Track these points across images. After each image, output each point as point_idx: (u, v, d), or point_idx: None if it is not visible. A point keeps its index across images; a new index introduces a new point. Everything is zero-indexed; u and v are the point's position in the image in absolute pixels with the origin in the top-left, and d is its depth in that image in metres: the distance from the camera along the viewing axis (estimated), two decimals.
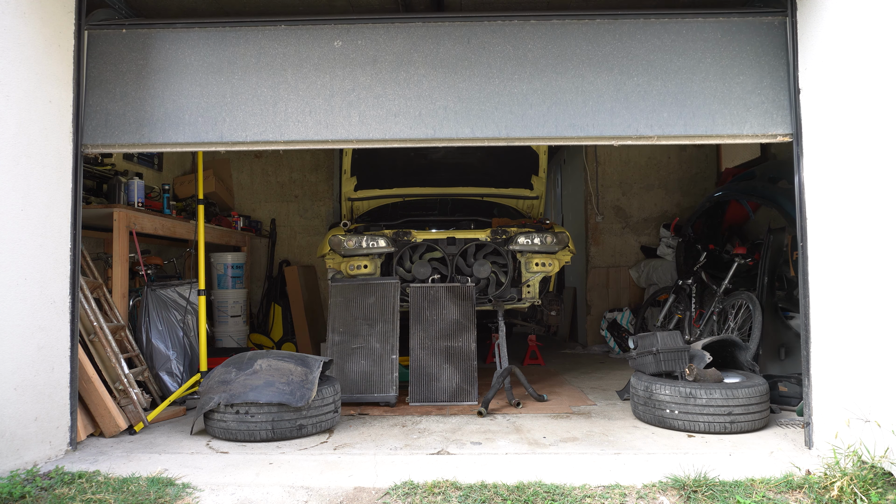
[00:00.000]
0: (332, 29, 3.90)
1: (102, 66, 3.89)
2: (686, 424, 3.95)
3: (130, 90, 3.88)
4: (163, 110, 3.86)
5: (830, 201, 3.44)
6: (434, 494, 2.96)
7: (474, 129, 3.83)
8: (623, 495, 2.96)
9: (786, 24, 3.78)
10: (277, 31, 3.90)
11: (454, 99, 3.85)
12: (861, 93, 3.18)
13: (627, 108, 3.82)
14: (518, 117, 3.83)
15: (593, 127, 3.82)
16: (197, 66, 3.88)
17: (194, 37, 3.90)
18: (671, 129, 3.81)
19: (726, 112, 3.80)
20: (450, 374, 4.90)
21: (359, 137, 3.84)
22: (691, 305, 6.27)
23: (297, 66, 3.88)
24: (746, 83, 3.81)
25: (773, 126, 3.77)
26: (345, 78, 3.87)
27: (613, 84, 3.84)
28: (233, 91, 3.86)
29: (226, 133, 3.83)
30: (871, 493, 2.76)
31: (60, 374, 3.60)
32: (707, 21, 3.85)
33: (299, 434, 3.91)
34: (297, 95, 3.86)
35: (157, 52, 3.90)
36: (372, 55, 3.88)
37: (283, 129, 3.83)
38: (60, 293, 3.62)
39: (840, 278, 3.36)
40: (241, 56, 3.89)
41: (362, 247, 5.31)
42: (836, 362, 3.40)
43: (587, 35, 3.88)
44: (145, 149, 3.92)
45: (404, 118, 3.84)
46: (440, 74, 3.86)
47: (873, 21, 3.08)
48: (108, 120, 3.85)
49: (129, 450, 3.71)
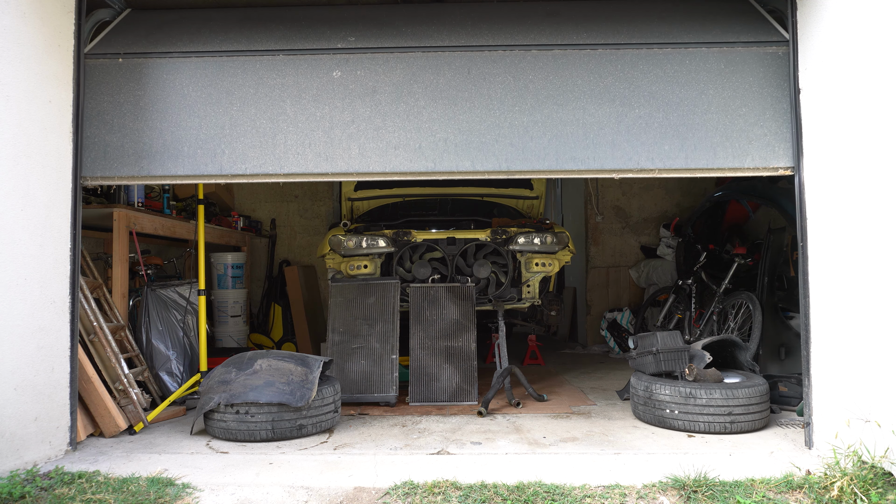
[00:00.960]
0: (331, 59, 3.87)
1: (100, 96, 3.85)
2: (686, 424, 3.95)
3: (128, 121, 3.84)
4: (161, 142, 3.82)
5: (830, 201, 3.44)
6: (434, 494, 2.96)
7: (474, 163, 3.80)
8: (623, 495, 2.96)
9: (789, 54, 3.74)
10: (276, 61, 3.87)
11: (454, 131, 3.82)
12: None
13: (629, 141, 3.78)
14: (519, 150, 3.80)
15: (594, 160, 3.78)
16: (195, 96, 3.85)
17: (192, 66, 3.87)
18: (673, 163, 3.77)
19: (728, 145, 3.75)
20: (450, 374, 4.90)
21: (359, 170, 3.81)
22: (691, 305, 6.27)
23: (296, 97, 3.85)
24: (749, 115, 3.77)
25: (775, 159, 3.73)
26: (344, 109, 3.84)
27: (615, 116, 3.80)
28: (231, 123, 3.83)
29: (225, 165, 3.81)
30: (871, 493, 2.76)
31: (60, 374, 3.60)
32: (710, 51, 3.81)
33: (299, 434, 3.91)
34: (296, 128, 3.83)
35: (155, 83, 3.87)
36: (371, 86, 3.85)
37: (282, 162, 3.81)
38: (60, 293, 3.63)
39: (840, 278, 3.36)
40: (239, 86, 3.86)
41: (362, 247, 5.31)
42: (836, 362, 3.40)
43: (589, 66, 3.84)
44: (145, 181, 3.87)
45: (404, 151, 3.81)
46: (440, 106, 3.83)
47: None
48: (107, 152, 3.82)
49: (129, 450, 3.71)
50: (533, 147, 3.80)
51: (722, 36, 3.85)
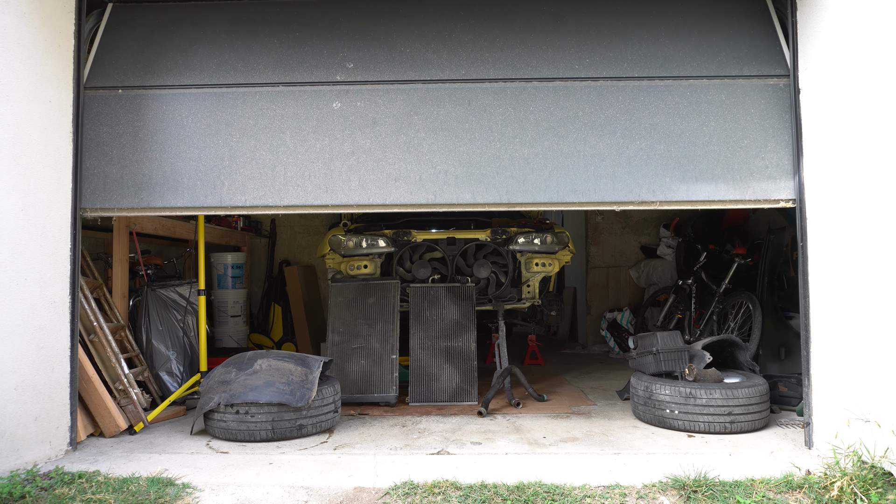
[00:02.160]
0: (331, 90, 3.85)
1: (99, 127, 3.83)
2: (686, 424, 3.96)
3: (128, 152, 3.83)
4: (161, 173, 3.81)
5: (830, 201, 3.44)
6: (434, 494, 2.96)
7: (475, 195, 3.78)
8: (623, 495, 2.96)
9: (790, 86, 3.72)
10: (275, 92, 3.85)
11: (455, 163, 3.79)
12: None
13: (630, 173, 3.76)
14: (519, 182, 3.78)
15: (595, 192, 3.76)
16: (194, 128, 3.84)
17: (191, 98, 3.86)
18: (673, 195, 3.75)
19: (729, 177, 3.73)
20: (450, 374, 4.90)
21: (359, 202, 3.79)
22: (691, 305, 6.28)
23: (296, 128, 3.83)
24: (750, 147, 3.74)
25: (776, 191, 3.71)
26: (344, 141, 3.82)
27: (616, 148, 3.78)
28: (231, 154, 3.82)
29: (225, 197, 3.79)
30: (871, 493, 2.76)
31: (60, 374, 3.60)
32: (712, 83, 3.79)
33: (299, 434, 3.91)
34: (295, 159, 3.81)
35: (154, 114, 3.85)
36: (371, 117, 3.82)
37: (282, 194, 3.79)
38: (60, 293, 3.63)
39: (840, 278, 3.36)
40: (238, 118, 3.84)
41: (362, 247, 5.31)
42: (836, 362, 3.40)
43: (590, 97, 3.82)
44: (144, 212, 3.86)
45: (404, 183, 3.79)
46: (441, 137, 3.81)
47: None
48: (106, 183, 3.80)
49: (129, 450, 3.71)
50: (534, 179, 3.78)
51: (723, 68, 3.81)
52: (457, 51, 3.91)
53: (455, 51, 3.91)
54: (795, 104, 3.68)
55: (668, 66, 3.85)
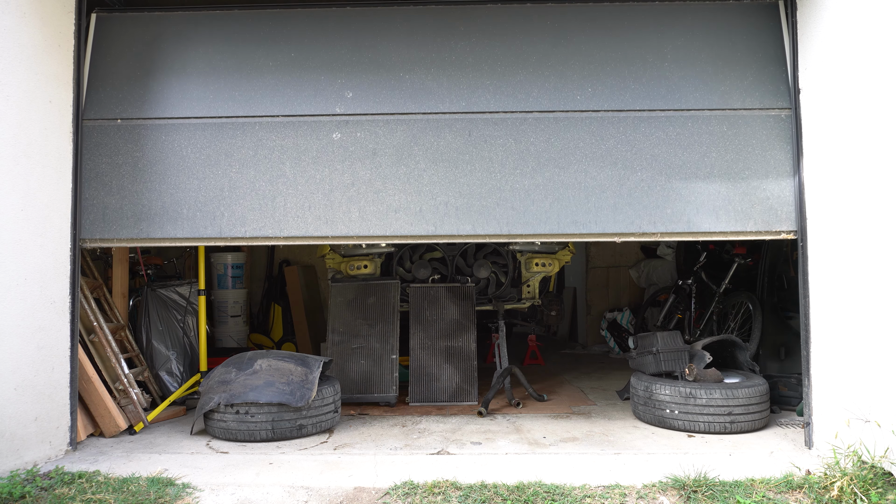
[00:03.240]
0: (331, 120, 3.83)
1: (98, 158, 3.82)
2: (686, 424, 3.96)
3: (127, 183, 3.82)
4: (160, 204, 3.80)
5: (830, 202, 3.44)
6: (434, 494, 2.96)
7: (475, 226, 3.77)
8: (623, 495, 2.96)
9: (792, 117, 3.71)
10: (274, 123, 3.83)
11: (455, 194, 3.78)
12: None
13: (630, 205, 3.74)
14: (520, 213, 3.76)
15: (596, 224, 3.74)
16: (194, 158, 3.82)
17: (190, 128, 3.84)
18: (674, 226, 3.73)
19: (730, 209, 3.72)
20: (450, 374, 4.90)
21: (359, 234, 3.78)
22: (691, 305, 6.27)
23: (296, 159, 3.81)
24: (752, 178, 3.72)
25: (777, 222, 3.70)
26: (344, 172, 3.80)
27: (617, 179, 3.76)
28: (231, 185, 3.80)
29: (224, 228, 3.78)
30: (871, 493, 2.76)
31: (60, 374, 3.60)
32: (713, 114, 3.77)
33: (299, 434, 3.91)
34: (295, 190, 3.79)
35: (153, 144, 3.84)
36: (371, 148, 3.81)
37: (282, 225, 3.78)
38: (60, 293, 3.63)
39: (840, 278, 3.36)
40: (238, 148, 3.82)
41: (362, 247, 5.31)
42: (836, 362, 3.40)
43: (590, 128, 3.79)
44: (144, 244, 3.85)
45: (405, 214, 3.78)
46: (441, 168, 3.79)
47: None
48: (106, 214, 3.80)
49: (129, 450, 3.71)
50: (534, 210, 3.76)
51: (726, 100, 3.78)
52: (457, 78, 3.86)
53: (455, 78, 3.86)
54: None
55: (671, 97, 3.80)
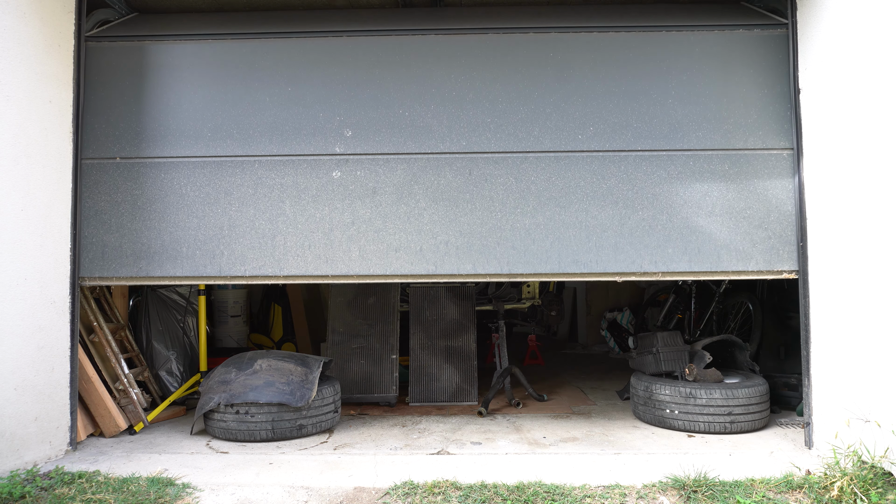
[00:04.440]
0: (330, 159, 3.80)
1: (97, 195, 3.80)
2: (686, 424, 3.96)
3: (126, 221, 3.80)
4: (160, 242, 3.79)
5: (830, 202, 3.44)
6: (434, 494, 2.96)
7: (476, 266, 3.75)
8: (623, 495, 2.96)
9: (793, 157, 3.70)
10: (274, 161, 3.81)
11: (455, 233, 3.76)
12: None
13: (632, 244, 3.73)
14: (521, 253, 3.74)
15: (597, 263, 3.72)
16: (193, 196, 3.80)
17: (190, 166, 3.82)
18: (676, 266, 3.71)
19: (732, 248, 3.70)
20: (450, 374, 4.90)
21: (359, 273, 3.76)
22: (691, 305, 6.27)
23: (296, 197, 3.79)
24: (753, 218, 3.71)
25: (778, 262, 3.69)
26: (344, 210, 3.78)
27: (618, 218, 3.74)
28: (230, 223, 3.79)
29: (224, 267, 3.77)
30: (871, 493, 2.76)
31: (60, 374, 3.60)
32: (715, 153, 3.74)
33: (299, 434, 3.91)
34: (295, 229, 3.78)
35: (152, 182, 3.82)
36: (372, 186, 3.78)
37: (281, 264, 3.77)
38: (60, 293, 3.63)
39: (840, 278, 3.36)
40: (237, 187, 3.80)
41: None
42: (836, 362, 3.40)
43: (591, 167, 3.76)
44: (143, 282, 3.83)
45: (405, 253, 3.76)
46: (442, 207, 3.77)
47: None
48: (105, 252, 3.78)
49: (129, 450, 3.71)
50: (535, 250, 3.74)
51: (729, 139, 3.75)
52: (457, 115, 3.82)
53: (456, 115, 3.82)
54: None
55: (674, 136, 3.76)
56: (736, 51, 3.81)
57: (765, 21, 3.82)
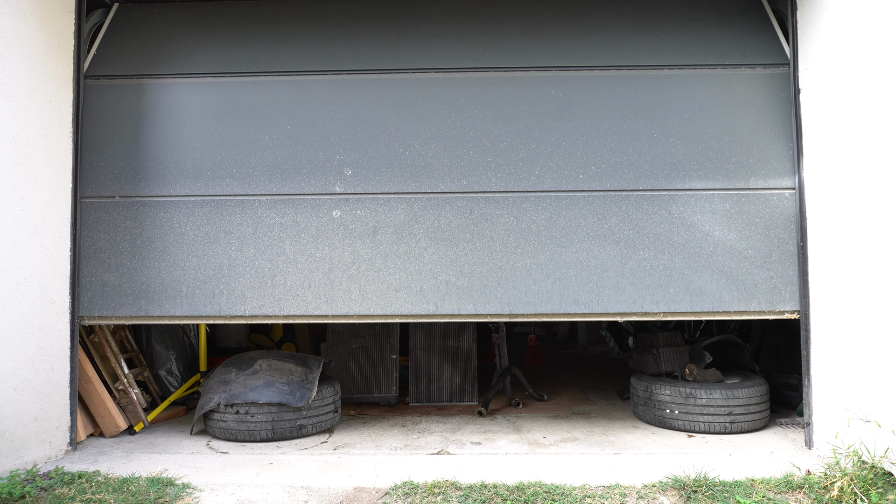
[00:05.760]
0: (330, 199, 3.78)
1: (96, 234, 3.79)
2: (686, 424, 3.96)
3: (126, 260, 3.78)
4: (160, 282, 3.77)
5: (830, 203, 3.44)
6: (434, 494, 2.96)
7: (476, 306, 3.74)
8: (623, 495, 2.96)
9: (796, 197, 3.69)
10: (274, 201, 3.79)
11: (456, 273, 3.74)
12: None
13: (633, 284, 3.71)
14: (521, 293, 3.73)
15: (598, 303, 3.71)
16: (193, 235, 3.79)
17: (189, 205, 3.80)
18: (677, 306, 3.70)
19: (733, 288, 3.68)
20: (450, 374, 4.90)
21: (359, 313, 3.74)
22: None
23: (296, 237, 3.77)
24: (755, 257, 3.69)
25: (780, 302, 3.67)
26: (344, 250, 3.76)
27: (619, 258, 3.72)
28: (230, 263, 3.77)
29: (224, 306, 3.75)
30: (871, 494, 2.75)
31: (60, 374, 3.60)
32: (717, 193, 3.72)
33: (299, 434, 3.91)
34: (295, 268, 3.76)
35: (152, 221, 3.80)
36: (372, 226, 3.76)
37: (281, 304, 3.75)
38: (60, 293, 3.62)
39: (840, 279, 3.36)
40: (237, 226, 3.78)
41: None
42: (836, 362, 3.40)
43: (592, 206, 3.74)
44: (143, 321, 3.80)
45: (405, 293, 3.74)
46: (442, 247, 3.75)
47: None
48: (104, 291, 3.77)
49: (129, 450, 3.71)
50: (536, 290, 3.72)
51: (731, 179, 3.73)
52: (458, 154, 3.79)
53: (456, 154, 3.79)
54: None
55: (675, 176, 3.74)
56: (737, 90, 3.79)
57: (766, 60, 3.80)
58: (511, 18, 3.89)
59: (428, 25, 3.92)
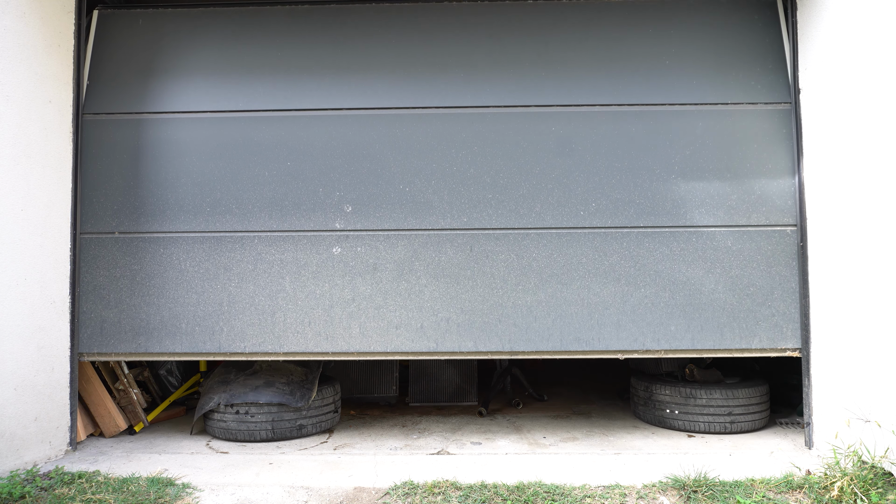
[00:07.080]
0: (330, 235, 3.78)
1: (96, 270, 3.77)
2: (686, 424, 3.96)
3: (125, 297, 3.77)
4: (159, 318, 3.76)
5: (830, 203, 3.44)
6: (434, 494, 2.96)
7: (477, 343, 3.72)
8: (623, 495, 2.96)
9: (797, 233, 3.69)
10: (273, 237, 3.77)
11: (456, 311, 3.73)
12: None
13: (634, 322, 3.69)
14: (522, 331, 3.71)
15: (599, 341, 3.69)
16: (192, 272, 3.78)
17: (189, 241, 3.78)
18: (679, 344, 3.68)
19: (735, 325, 3.67)
20: (450, 374, 4.90)
21: (359, 350, 3.73)
22: None
23: (295, 273, 3.76)
24: (757, 295, 3.68)
25: (782, 340, 3.66)
26: (344, 287, 3.75)
27: (620, 296, 3.70)
28: (230, 299, 3.76)
29: (223, 343, 3.74)
30: (871, 494, 2.75)
31: (60, 374, 3.60)
32: (719, 230, 3.71)
33: (299, 434, 3.91)
34: (295, 305, 3.74)
35: (151, 257, 3.79)
36: (372, 263, 3.75)
37: (281, 341, 3.73)
38: (60, 293, 3.63)
39: (840, 278, 3.36)
40: (237, 262, 3.77)
41: None
42: (836, 362, 3.40)
43: (593, 243, 3.73)
44: (142, 357, 3.79)
45: (406, 330, 3.73)
46: (442, 284, 3.74)
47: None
48: (104, 328, 3.76)
49: (129, 450, 3.71)
50: (537, 328, 3.71)
51: (732, 216, 3.71)
52: (458, 191, 3.78)
53: (457, 191, 3.78)
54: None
55: (677, 213, 3.72)
56: (739, 126, 3.77)
57: (768, 98, 3.78)
58: (509, 58, 3.88)
59: (427, 68, 3.91)
